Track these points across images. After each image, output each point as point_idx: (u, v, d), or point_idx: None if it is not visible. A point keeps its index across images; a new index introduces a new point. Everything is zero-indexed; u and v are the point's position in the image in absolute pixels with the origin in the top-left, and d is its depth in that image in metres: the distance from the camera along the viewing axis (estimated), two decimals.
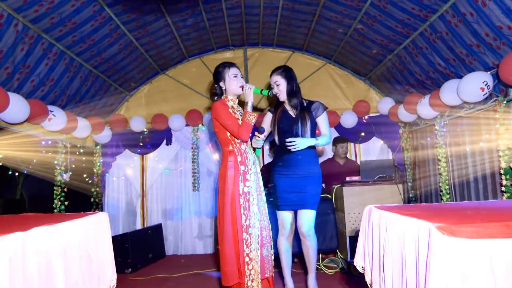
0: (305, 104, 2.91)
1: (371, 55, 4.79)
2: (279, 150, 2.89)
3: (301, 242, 2.90)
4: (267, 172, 3.12)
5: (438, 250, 1.12)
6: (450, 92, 3.64)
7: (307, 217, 2.78)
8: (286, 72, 2.89)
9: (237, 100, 2.84)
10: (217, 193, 2.78)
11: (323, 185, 4.19)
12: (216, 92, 2.81)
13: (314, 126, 2.90)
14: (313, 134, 2.88)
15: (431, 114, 4.28)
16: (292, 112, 2.89)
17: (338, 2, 4.00)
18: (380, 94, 5.54)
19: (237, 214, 2.57)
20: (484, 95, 3.33)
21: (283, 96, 2.89)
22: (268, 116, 2.99)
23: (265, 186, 2.91)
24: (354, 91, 5.57)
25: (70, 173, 4.69)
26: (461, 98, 3.51)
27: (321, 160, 4.94)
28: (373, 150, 5.53)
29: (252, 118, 2.60)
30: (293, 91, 2.87)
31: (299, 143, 2.66)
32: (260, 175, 2.81)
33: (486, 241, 1.12)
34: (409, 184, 5.32)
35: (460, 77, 3.69)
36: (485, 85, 3.28)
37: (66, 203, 4.58)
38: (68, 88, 4.22)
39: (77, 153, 4.94)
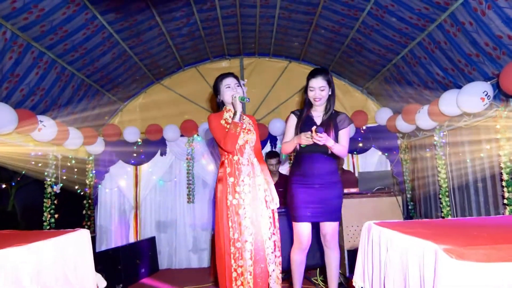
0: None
1: (369, 64, 4.73)
2: (299, 158, 2.75)
3: (324, 255, 2.78)
4: (284, 183, 3.00)
5: (445, 275, 1.02)
6: (449, 102, 3.56)
7: (333, 228, 2.69)
8: (330, 76, 2.74)
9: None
10: (214, 205, 2.72)
11: None
12: (217, 105, 2.80)
13: (337, 137, 2.75)
14: None
15: (430, 125, 4.20)
16: (318, 119, 2.79)
17: (336, 11, 3.95)
18: (377, 104, 5.47)
19: (226, 228, 2.48)
20: (484, 105, 3.26)
21: (322, 102, 2.72)
22: (293, 120, 2.81)
23: (283, 197, 2.80)
24: (351, 101, 5.50)
25: (61, 184, 4.57)
26: (461, 108, 3.43)
27: None
28: (371, 161, 5.44)
29: (237, 128, 2.54)
30: (333, 98, 2.77)
31: (326, 139, 2.52)
32: (261, 186, 2.67)
33: (499, 265, 1.01)
34: (408, 195, 5.22)
35: (459, 87, 3.62)
36: (485, 95, 3.20)
37: (56, 215, 4.44)
38: (59, 97, 4.12)
39: (69, 164, 4.82)
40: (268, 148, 5.30)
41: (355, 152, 5.38)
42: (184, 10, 4.09)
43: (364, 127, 5.33)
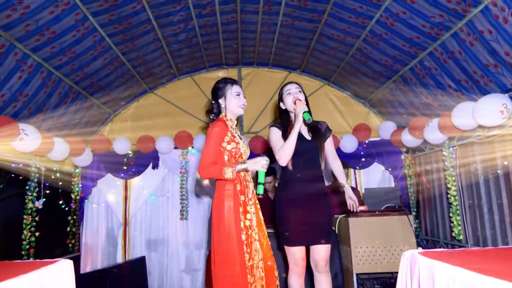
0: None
1: (373, 76, 4.54)
2: (290, 175, 2.51)
3: (314, 280, 2.52)
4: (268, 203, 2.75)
5: None
6: (464, 114, 3.36)
7: (325, 251, 2.47)
8: (300, 85, 2.62)
9: (235, 121, 2.48)
10: (210, 225, 2.38)
11: None
12: (212, 110, 2.43)
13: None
14: None
15: (439, 139, 3.99)
16: (304, 131, 2.55)
17: (342, 19, 3.76)
18: (380, 118, 5.27)
19: (239, 253, 2.14)
20: (503, 118, 3.06)
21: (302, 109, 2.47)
22: (278, 132, 2.54)
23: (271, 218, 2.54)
24: (353, 114, 5.30)
25: (44, 199, 4.21)
26: (477, 121, 3.23)
27: None
28: (374, 177, 5.21)
29: (231, 175, 2.18)
30: (308, 107, 2.52)
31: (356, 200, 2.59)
32: (258, 205, 2.42)
33: None
34: (413, 213, 4.98)
35: (472, 99, 3.43)
36: (505, 108, 3.01)
37: (37, 233, 4.07)
38: (44, 104, 3.80)
39: (53, 177, 4.47)
40: None
41: (357, 167, 5.15)
42: (182, 15, 3.85)
43: (366, 141, 5.12)
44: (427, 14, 3.14)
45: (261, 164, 2.24)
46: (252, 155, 2.57)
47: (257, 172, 2.27)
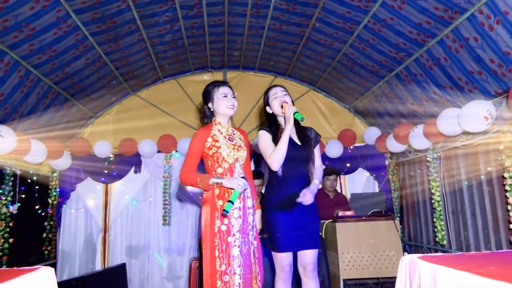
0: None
1: (359, 82, 4.56)
2: (279, 180, 2.45)
3: (302, 285, 2.47)
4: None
5: None
6: (449, 121, 3.40)
7: (313, 255, 2.42)
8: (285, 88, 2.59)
9: (228, 122, 2.43)
10: (199, 231, 2.36)
11: None
12: (205, 114, 2.43)
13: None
14: None
15: (424, 145, 4.04)
16: (293, 136, 2.50)
17: (330, 24, 3.76)
18: (365, 123, 5.31)
19: (211, 257, 2.14)
20: (487, 124, 3.11)
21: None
22: (267, 136, 2.46)
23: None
24: (338, 119, 5.32)
25: (19, 204, 4.01)
26: (463, 127, 3.28)
27: None
28: (359, 182, 5.23)
29: (202, 186, 2.22)
30: None
31: (311, 198, 2.39)
32: (251, 210, 2.36)
33: None
34: (397, 218, 4.99)
35: (457, 106, 3.48)
36: (489, 114, 3.06)
37: (10, 240, 3.87)
38: (21, 105, 3.64)
39: (29, 180, 4.27)
40: (251, 167, 4.97)
41: (342, 173, 5.15)
42: (169, 16, 3.77)
43: (351, 147, 5.14)
44: (414, 21, 3.17)
45: (237, 183, 2.21)
46: None
47: (232, 189, 2.23)
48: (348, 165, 5.09)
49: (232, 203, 2.17)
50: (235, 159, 2.33)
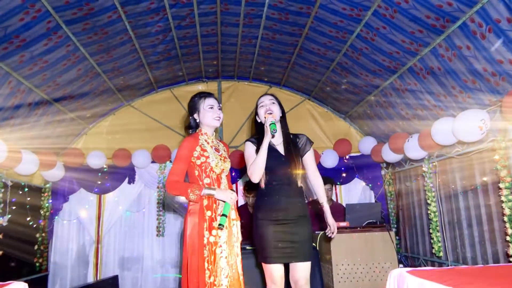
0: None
1: (354, 91, 4.54)
2: (265, 192, 2.41)
3: None
4: (247, 218, 2.64)
5: None
6: (443, 130, 3.37)
7: (305, 269, 2.34)
8: (275, 96, 2.52)
9: (213, 134, 2.41)
10: (182, 242, 2.30)
11: None
12: (190, 125, 2.42)
13: (302, 163, 2.49)
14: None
15: (419, 155, 3.99)
16: (279, 147, 2.46)
17: (323, 33, 3.75)
18: (360, 133, 5.27)
19: (200, 269, 2.10)
20: (482, 134, 3.07)
21: (275, 118, 2.39)
22: (252, 148, 2.44)
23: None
24: (334, 129, 5.29)
25: (9, 216, 3.95)
26: (457, 137, 3.24)
27: None
28: (355, 192, 5.17)
29: (194, 198, 2.16)
30: (285, 119, 2.47)
31: (335, 226, 2.45)
32: (237, 222, 2.33)
33: None
34: (393, 229, 4.94)
35: (451, 115, 3.45)
36: (483, 123, 3.02)
37: (0, 252, 3.80)
38: (12, 116, 3.61)
39: (20, 192, 4.22)
40: (246, 177, 4.93)
41: (338, 183, 5.10)
42: (161, 26, 3.76)
43: (347, 156, 5.09)
44: (407, 29, 3.15)
45: (229, 196, 2.20)
46: (231, 170, 2.48)
47: (224, 202, 2.21)
48: (344, 175, 5.04)
49: (226, 216, 2.16)
50: (221, 169, 2.33)
